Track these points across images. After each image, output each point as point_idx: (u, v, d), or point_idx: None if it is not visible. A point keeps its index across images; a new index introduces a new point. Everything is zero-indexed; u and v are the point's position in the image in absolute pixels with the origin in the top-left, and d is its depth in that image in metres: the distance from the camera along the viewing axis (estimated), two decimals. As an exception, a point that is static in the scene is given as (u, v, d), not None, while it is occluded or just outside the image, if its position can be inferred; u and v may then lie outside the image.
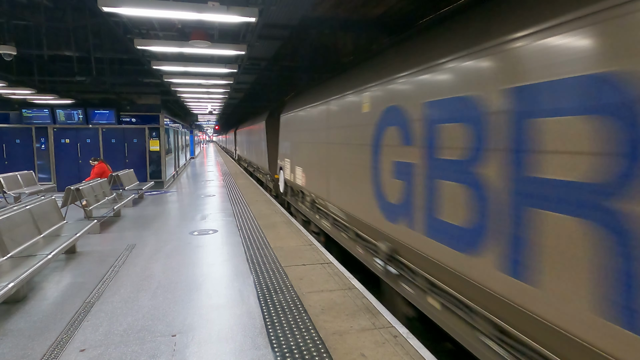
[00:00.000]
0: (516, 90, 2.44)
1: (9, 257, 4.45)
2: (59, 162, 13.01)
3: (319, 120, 6.94)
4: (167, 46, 5.82)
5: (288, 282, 4.68)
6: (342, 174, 5.77)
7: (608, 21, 1.89)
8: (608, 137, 1.88)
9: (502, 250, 2.56)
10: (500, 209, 2.57)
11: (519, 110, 2.42)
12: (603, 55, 1.91)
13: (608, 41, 1.89)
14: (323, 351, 3.17)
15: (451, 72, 3.12)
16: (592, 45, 1.97)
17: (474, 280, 2.84)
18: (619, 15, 1.84)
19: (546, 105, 2.22)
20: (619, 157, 1.82)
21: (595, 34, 1.95)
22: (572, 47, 2.08)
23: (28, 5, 6.60)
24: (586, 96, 1.99)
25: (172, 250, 6.07)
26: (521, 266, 2.40)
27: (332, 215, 6.44)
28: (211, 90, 11.39)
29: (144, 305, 4.07)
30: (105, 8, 4.21)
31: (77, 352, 3.19)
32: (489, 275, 2.68)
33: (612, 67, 1.86)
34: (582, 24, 2.03)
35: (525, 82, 2.37)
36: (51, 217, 5.87)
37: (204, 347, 3.26)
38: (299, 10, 6.36)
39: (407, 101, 3.82)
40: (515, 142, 2.44)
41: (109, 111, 12.88)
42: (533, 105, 2.31)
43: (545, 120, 2.23)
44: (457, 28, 3.21)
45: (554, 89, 2.18)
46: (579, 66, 2.04)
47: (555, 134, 2.16)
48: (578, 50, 2.05)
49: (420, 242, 3.58)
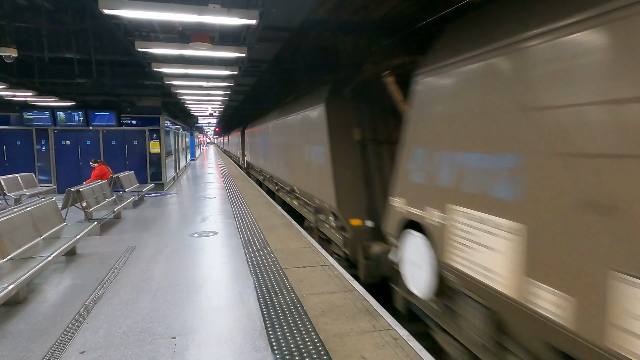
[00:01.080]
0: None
1: (9, 259, 4.45)
2: (59, 164, 13.01)
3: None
4: (167, 48, 5.83)
5: (288, 284, 4.67)
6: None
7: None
8: None
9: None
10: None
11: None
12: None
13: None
14: (323, 353, 3.17)
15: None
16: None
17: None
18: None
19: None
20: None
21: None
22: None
23: (29, 8, 6.62)
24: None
25: (172, 252, 6.07)
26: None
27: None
28: (212, 93, 11.41)
29: (144, 308, 4.07)
30: (106, 10, 4.22)
31: (77, 354, 3.19)
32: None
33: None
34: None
35: None
36: (51, 219, 5.87)
37: (203, 350, 3.25)
38: (300, 13, 6.38)
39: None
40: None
41: (110, 113, 12.89)
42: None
43: None
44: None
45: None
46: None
47: None
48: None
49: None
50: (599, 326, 1.88)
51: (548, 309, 2.18)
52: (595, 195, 1.91)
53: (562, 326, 2.10)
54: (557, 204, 2.11)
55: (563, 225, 2.08)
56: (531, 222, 2.29)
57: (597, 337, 1.89)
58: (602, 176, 1.88)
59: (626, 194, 1.77)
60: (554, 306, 2.14)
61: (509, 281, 2.48)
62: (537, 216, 2.24)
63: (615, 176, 1.81)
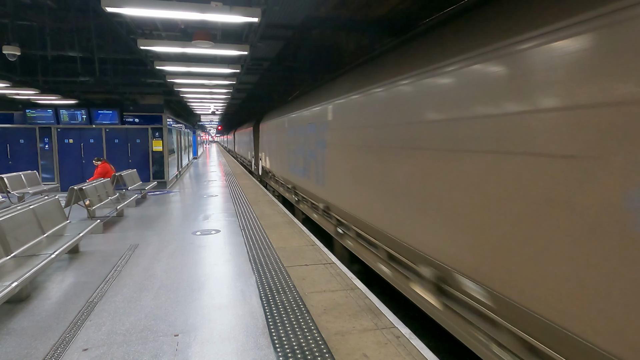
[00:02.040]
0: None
1: (13, 257, 4.46)
2: (62, 162, 13.06)
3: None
4: (170, 46, 5.84)
5: (290, 282, 4.68)
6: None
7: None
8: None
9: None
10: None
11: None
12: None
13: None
14: (325, 351, 3.17)
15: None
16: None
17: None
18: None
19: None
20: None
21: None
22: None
23: (32, 6, 6.63)
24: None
25: (174, 250, 6.08)
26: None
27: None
28: (214, 91, 11.41)
29: (147, 305, 4.08)
30: (109, 8, 4.22)
31: (79, 351, 3.20)
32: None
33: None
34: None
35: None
36: (54, 217, 5.89)
37: (206, 347, 3.26)
38: (302, 10, 6.36)
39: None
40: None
41: (112, 111, 12.92)
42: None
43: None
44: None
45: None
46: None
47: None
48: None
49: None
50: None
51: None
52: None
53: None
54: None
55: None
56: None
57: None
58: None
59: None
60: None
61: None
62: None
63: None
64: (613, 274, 1.91)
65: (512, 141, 2.54)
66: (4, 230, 4.50)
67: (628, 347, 1.84)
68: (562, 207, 2.18)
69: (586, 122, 2.03)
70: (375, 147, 4.67)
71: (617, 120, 1.88)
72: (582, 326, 2.07)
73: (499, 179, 2.66)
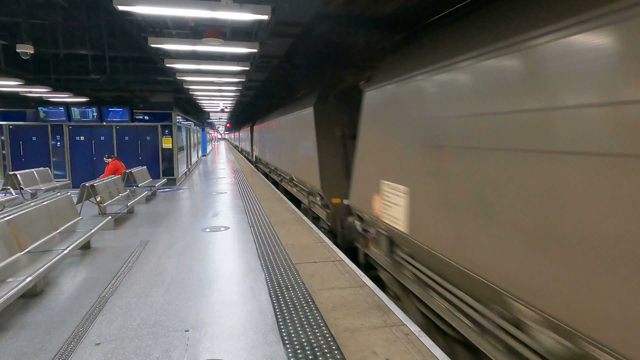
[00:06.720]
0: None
1: (27, 252, 4.54)
2: (74, 159, 13.22)
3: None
4: (180, 44, 5.86)
5: (299, 279, 4.69)
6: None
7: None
8: None
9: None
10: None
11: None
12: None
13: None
14: (334, 348, 3.18)
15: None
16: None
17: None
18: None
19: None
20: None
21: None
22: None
23: (44, 5, 6.71)
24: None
25: (184, 246, 6.13)
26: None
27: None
28: (223, 88, 11.45)
29: (158, 301, 4.12)
30: (120, 7, 4.25)
31: (92, 345, 3.25)
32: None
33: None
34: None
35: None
36: (67, 213, 5.98)
37: (216, 343, 3.29)
38: (311, 8, 6.35)
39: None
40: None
41: (123, 109, 13.04)
42: None
43: None
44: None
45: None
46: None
47: None
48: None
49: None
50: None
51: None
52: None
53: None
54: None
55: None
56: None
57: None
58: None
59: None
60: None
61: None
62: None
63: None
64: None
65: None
66: (19, 226, 4.58)
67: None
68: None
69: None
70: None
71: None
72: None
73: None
